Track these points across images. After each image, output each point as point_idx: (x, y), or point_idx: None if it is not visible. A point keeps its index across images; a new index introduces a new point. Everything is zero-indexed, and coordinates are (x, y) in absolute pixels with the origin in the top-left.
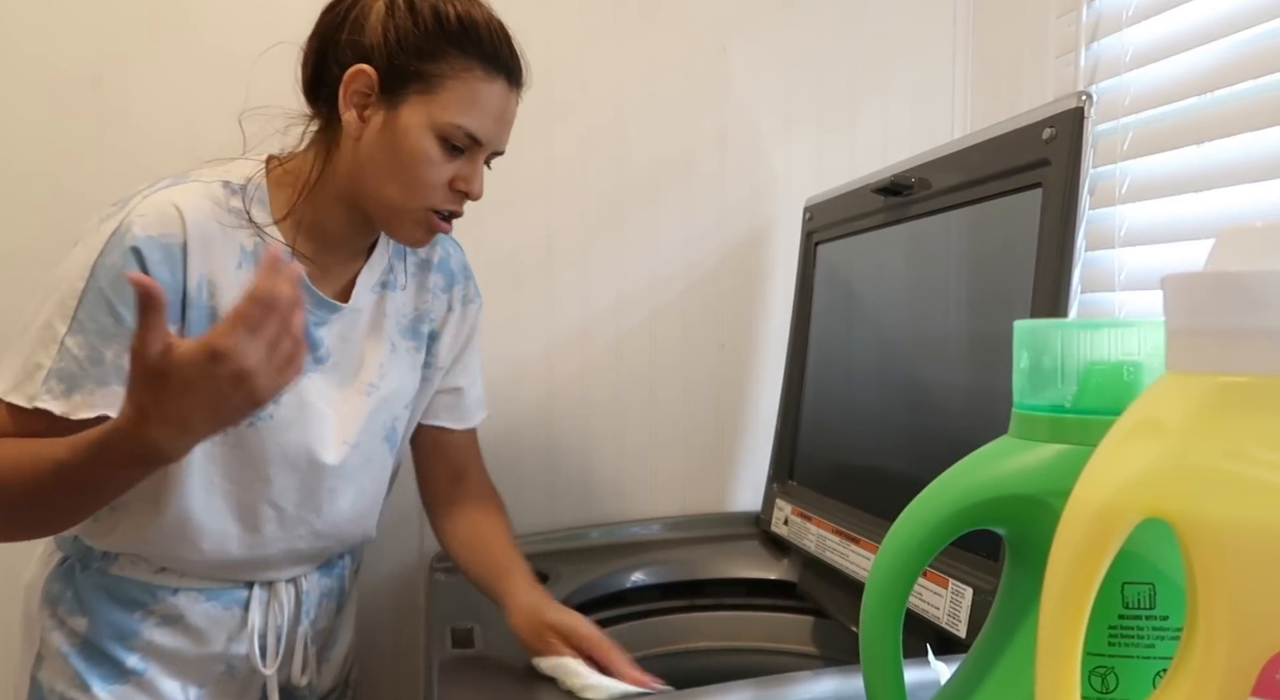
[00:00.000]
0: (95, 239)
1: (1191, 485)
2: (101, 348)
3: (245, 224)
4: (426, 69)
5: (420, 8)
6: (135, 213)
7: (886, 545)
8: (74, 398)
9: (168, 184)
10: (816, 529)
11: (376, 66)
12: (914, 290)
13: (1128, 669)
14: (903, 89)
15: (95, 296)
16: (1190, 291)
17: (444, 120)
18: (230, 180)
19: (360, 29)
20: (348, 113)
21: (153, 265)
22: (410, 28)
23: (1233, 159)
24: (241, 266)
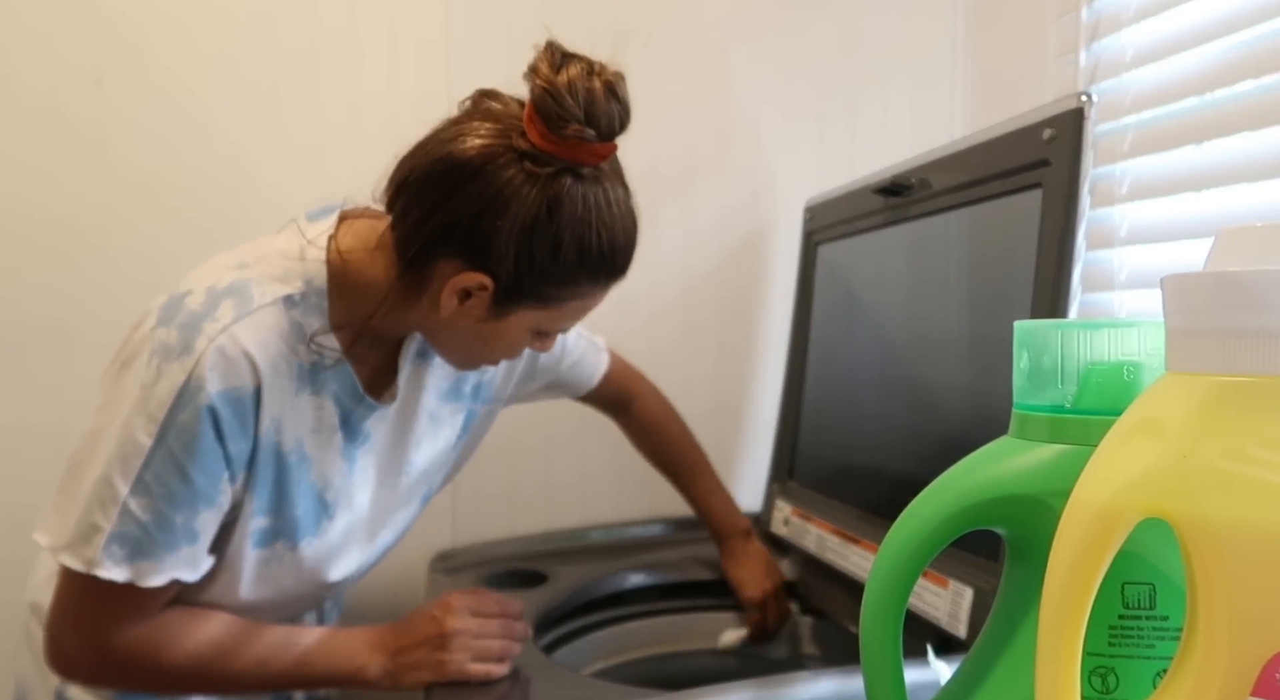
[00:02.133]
0: (161, 388)
1: (1191, 485)
2: (170, 512)
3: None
4: (552, 292)
5: (565, 241)
6: (205, 365)
7: (886, 545)
8: (140, 564)
9: (233, 315)
10: (816, 529)
11: (497, 282)
12: (914, 291)
13: (1128, 669)
14: (903, 89)
15: (165, 459)
16: (1190, 291)
17: (550, 326)
18: (291, 294)
19: (488, 236)
20: (448, 301)
21: (226, 422)
22: (550, 260)
23: (1233, 159)
24: (299, 392)
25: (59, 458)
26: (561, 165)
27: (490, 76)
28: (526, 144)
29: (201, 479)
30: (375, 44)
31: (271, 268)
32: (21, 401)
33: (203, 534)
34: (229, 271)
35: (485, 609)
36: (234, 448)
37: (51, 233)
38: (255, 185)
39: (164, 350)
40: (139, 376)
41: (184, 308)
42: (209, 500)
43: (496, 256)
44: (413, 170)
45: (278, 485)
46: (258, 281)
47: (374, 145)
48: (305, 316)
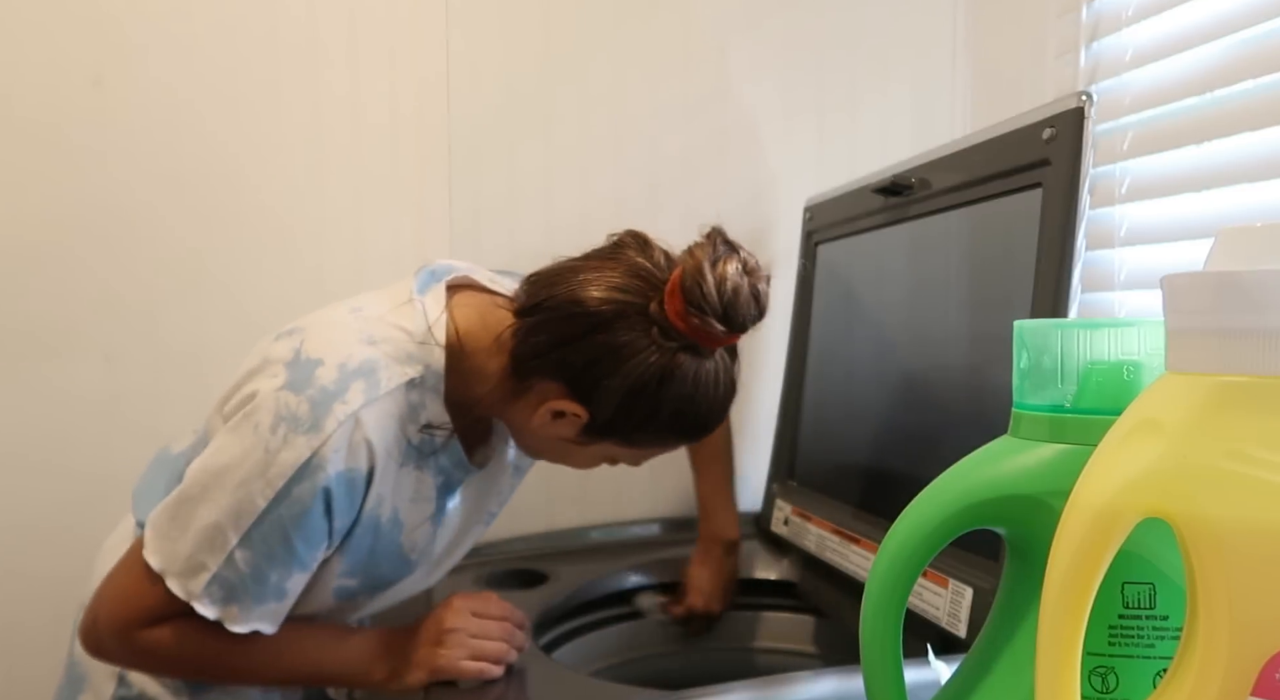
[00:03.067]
0: (284, 457)
1: (1191, 485)
2: (267, 569)
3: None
4: (639, 438)
5: (665, 410)
6: (330, 447)
7: (886, 545)
8: (230, 608)
9: (363, 400)
10: (816, 529)
11: (593, 417)
12: (914, 290)
13: (1128, 669)
14: (903, 89)
15: (274, 524)
16: (1190, 291)
17: (626, 460)
18: (414, 378)
19: (597, 382)
20: (541, 418)
21: (338, 501)
22: (646, 420)
23: (1233, 159)
24: (403, 466)
25: (59, 457)
26: (685, 343)
27: (490, 76)
28: (659, 311)
29: (302, 548)
30: (375, 44)
31: (398, 349)
32: (21, 401)
33: (290, 594)
34: (360, 346)
35: (487, 611)
36: (339, 523)
37: (51, 233)
38: (255, 186)
39: (292, 420)
40: (263, 438)
41: (315, 381)
42: (304, 566)
43: (598, 401)
44: (549, 299)
45: (371, 553)
46: (385, 364)
47: (374, 146)
48: (422, 398)
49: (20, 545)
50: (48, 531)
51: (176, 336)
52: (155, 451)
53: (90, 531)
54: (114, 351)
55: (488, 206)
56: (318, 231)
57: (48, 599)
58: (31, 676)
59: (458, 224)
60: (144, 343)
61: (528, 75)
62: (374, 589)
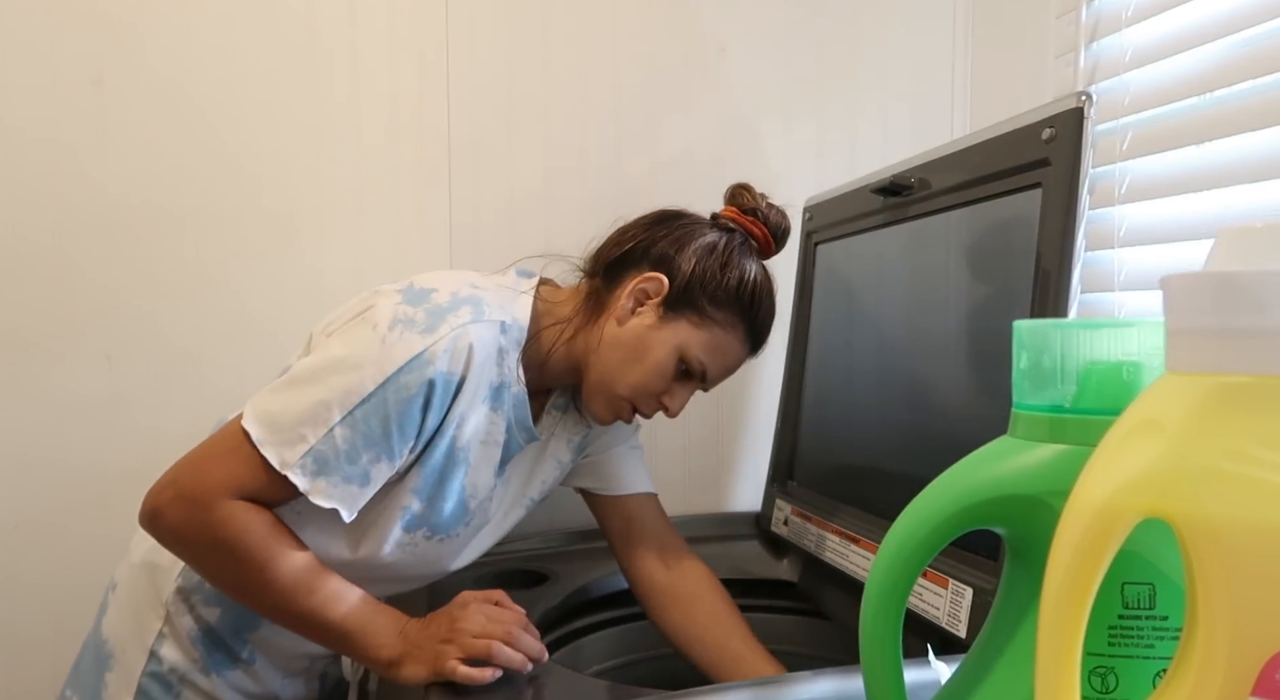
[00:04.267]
0: (398, 348)
1: (1191, 485)
2: (362, 450)
3: (503, 364)
4: (708, 309)
5: (730, 267)
6: (442, 346)
7: (886, 545)
8: (319, 481)
9: (470, 317)
10: (816, 529)
11: (673, 282)
12: (914, 290)
13: (1128, 669)
14: (903, 89)
15: (378, 406)
16: (1190, 291)
17: (694, 351)
18: (504, 321)
19: (679, 248)
20: (627, 301)
21: (437, 398)
22: (717, 275)
23: (1233, 159)
24: (485, 402)
25: (60, 456)
26: (739, 228)
27: (490, 76)
28: (717, 216)
29: (397, 436)
30: (375, 44)
31: (495, 296)
32: (22, 401)
33: (373, 482)
34: (466, 286)
35: (500, 617)
36: (431, 421)
37: (51, 233)
38: (255, 186)
39: (409, 322)
40: (380, 333)
41: (431, 299)
42: (392, 456)
43: (677, 263)
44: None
45: (440, 476)
46: (488, 302)
47: (374, 146)
48: (508, 344)
49: (20, 545)
50: (48, 531)
51: (177, 336)
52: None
53: (90, 531)
54: (114, 351)
55: (488, 206)
56: (318, 231)
57: (47, 598)
58: (31, 675)
59: (457, 224)
60: (144, 343)
61: (528, 75)
62: (435, 528)
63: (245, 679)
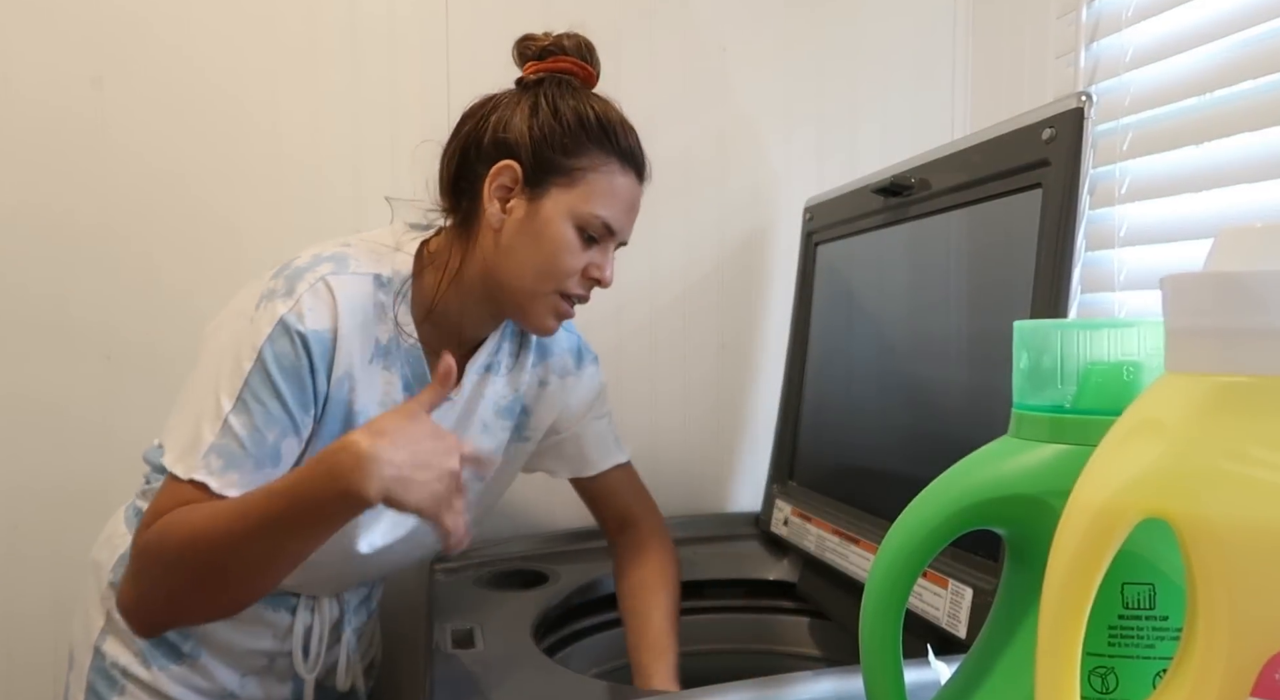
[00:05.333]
0: (262, 320)
1: (1191, 485)
2: (263, 428)
3: (386, 320)
4: (568, 164)
5: (563, 110)
6: (304, 304)
7: (886, 545)
8: (229, 475)
9: (331, 270)
10: (816, 529)
11: (521, 161)
12: (914, 291)
13: (1128, 669)
14: (903, 89)
15: (261, 379)
16: (1190, 291)
17: (584, 210)
18: (382, 273)
19: (505, 128)
20: (491, 205)
21: (317, 358)
22: (554, 126)
23: (1233, 159)
24: (373, 361)
25: (59, 456)
26: (547, 75)
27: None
28: (521, 79)
29: (293, 402)
30: (375, 43)
31: (370, 250)
32: (19, 402)
33: (285, 459)
34: (334, 245)
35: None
36: (319, 383)
37: (50, 232)
38: (255, 186)
39: (270, 293)
40: (249, 314)
41: (291, 265)
42: (295, 427)
43: (514, 141)
44: (447, 141)
45: None
46: (356, 257)
47: (374, 145)
48: (389, 297)
49: (20, 544)
50: (47, 530)
51: (176, 336)
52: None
53: (90, 531)
54: (114, 351)
55: None
56: (318, 232)
57: (47, 598)
58: (30, 674)
59: None
60: (144, 343)
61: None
62: None
63: (191, 674)
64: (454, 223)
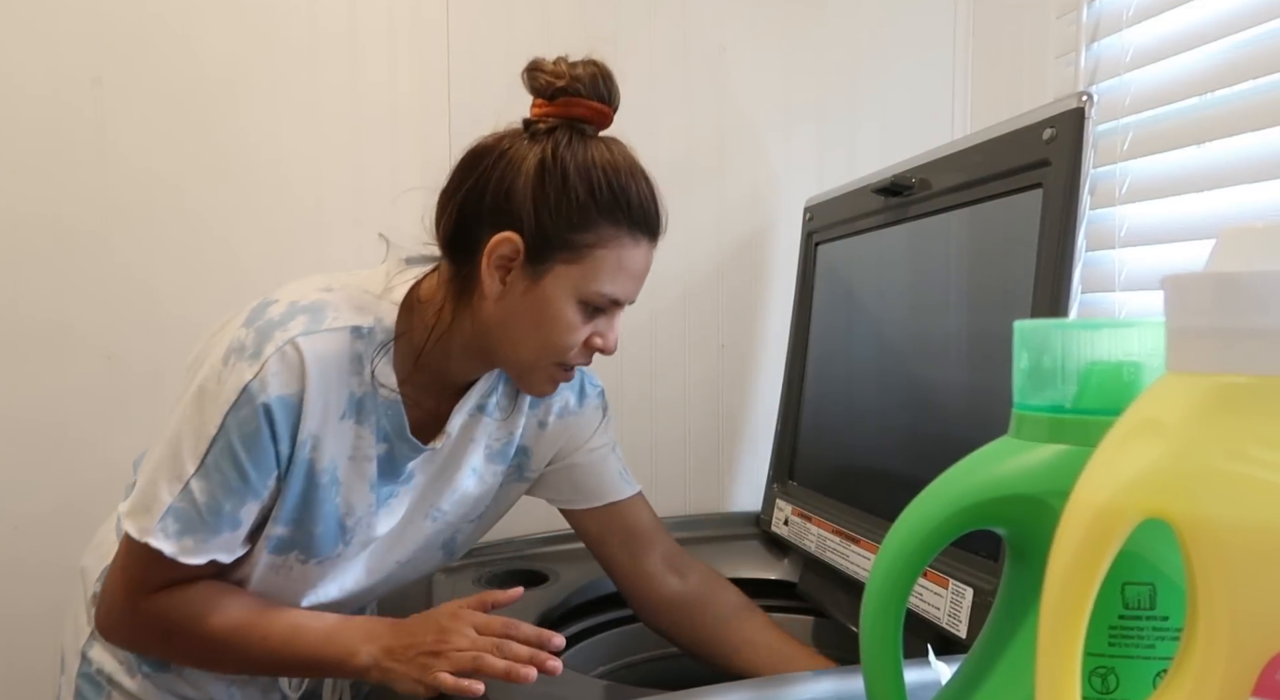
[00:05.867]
0: (228, 384)
1: (1191, 485)
2: (222, 498)
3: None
4: (575, 239)
5: (571, 177)
6: (269, 369)
7: (886, 545)
8: (184, 540)
9: (303, 327)
10: (816, 529)
11: (524, 234)
12: (914, 291)
13: (1128, 669)
14: (903, 89)
15: (224, 448)
16: (1190, 292)
17: (589, 288)
18: (361, 326)
19: (508, 194)
20: (490, 277)
21: (279, 424)
22: (561, 198)
23: (1233, 159)
24: (345, 417)
25: (60, 456)
26: (559, 123)
27: (490, 76)
28: (528, 121)
29: (254, 473)
30: (375, 43)
31: (351, 297)
32: (22, 400)
33: (245, 523)
34: (314, 291)
35: (489, 626)
36: (282, 449)
37: (50, 232)
38: (255, 186)
39: (239, 349)
40: (218, 369)
41: (265, 314)
42: (256, 494)
43: (517, 210)
44: (446, 184)
45: (304, 500)
46: (335, 307)
47: (374, 145)
48: (369, 349)
49: (20, 544)
50: (47, 530)
51: (176, 336)
52: None
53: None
54: (114, 351)
55: None
56: (318, 231)
57: (46, 600)
58: (30, 672)
59: None
60: (144, 343)
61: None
62: (307, 551)
63: (177, 682)
64: (449, 275)
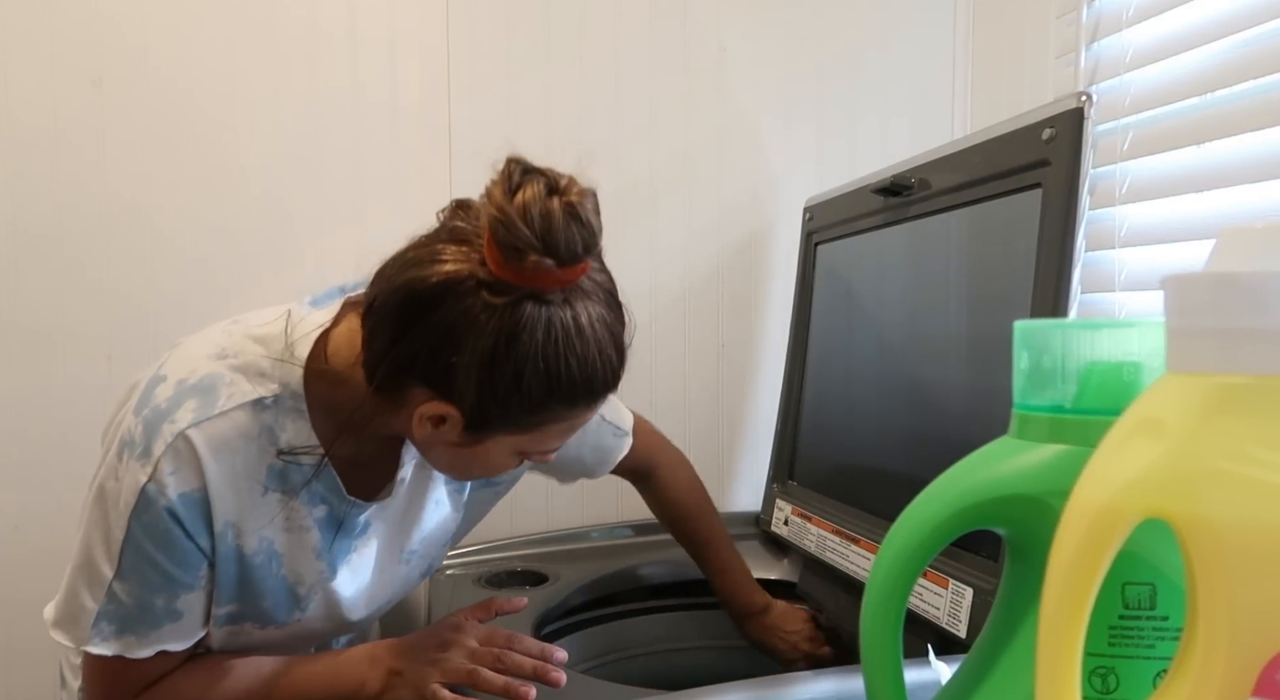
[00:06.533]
0: (125, 484)
1: (1191, 485)
2: (149, 596)
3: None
4: (524, 419)
5: (527, 374)
6: (163, 470)
7: (886, 545)
8: (126, 638)
9: (192, 417)
10: (816, 529)
11: (463, 411)
12: (914, 291)
13: (1128, 669)
14: (903, 89)
15: (136, 552)
16: (1190, 292)
17: (533, 448)
18: (264, 397)
19: (450, 368)
20: (419, 426)
21: (189, 522)
22: (513, 393)
23: (1233, 159)
24: (268, 491)
25: (59, 456)
26: (521, 293)
27: (490, 76)
28: (484, 269)
29: (177, 570)
30: (375, 44)
31: (248, 363)
32: (19, 402)
33: (187, 612)
34: (205, 361)
35: (492, 638)
36: (203, 542)
37: (50, 232)
38: (254, 186)
39: (130, 444)
40: (111, 463)
41: (153, 399)
42: (188, 586)
43: (459, 389)
44: (378, 295)
45: (241, 583)
46: (228, 381)
47: (373, 146)
48: (279, 419)
49: (20, 544)
50: (47, 531)
51: (177, 336)
52: None
53: None
54: (114, 351)
55: None
56: (318, 232)
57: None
58: (30, 672)
59: None
60: (144, 343)
61: (528, 75)
62: (260, 620)
63: None
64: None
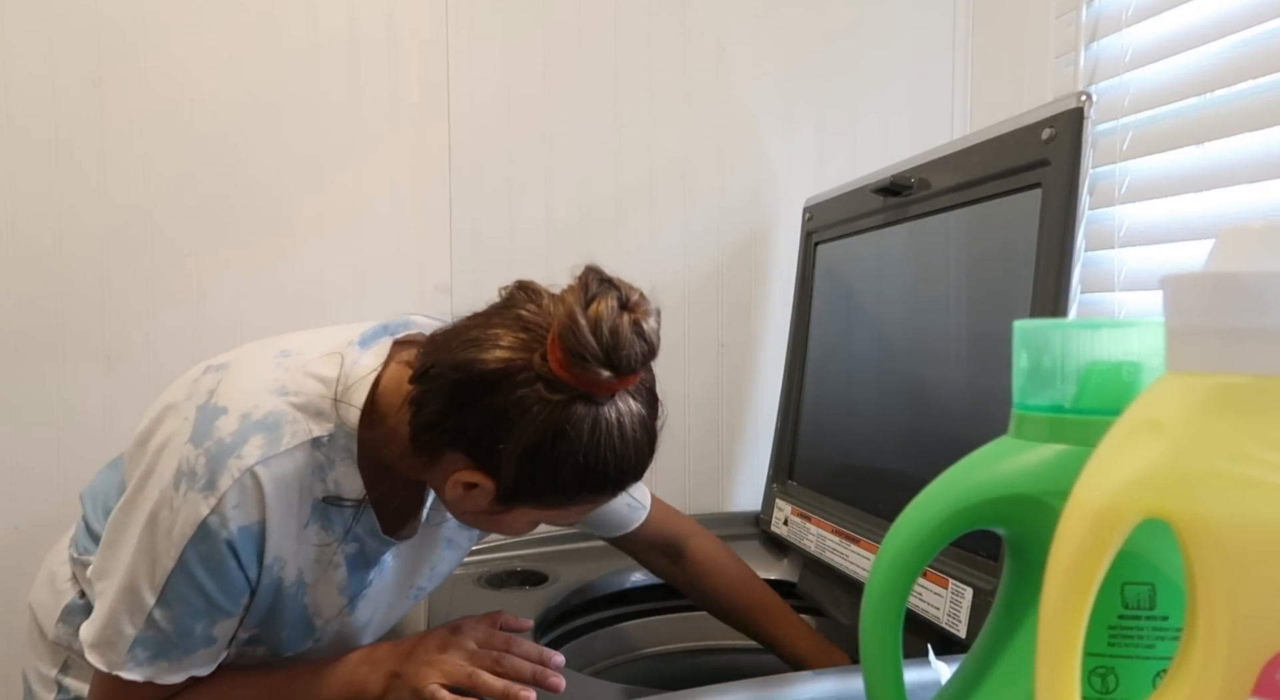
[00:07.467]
0: (183, 514)
1: (1191, 485)
2: (190, 622)
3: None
4: (552, 500)
5: (567, 468)
6: (228, 504)
7: (886, 545)
8: (159, 663)
9: (260, 454)
10: (816, 529)
11: (497, 485)
12: (914, 290)
13: (1128, 669)
14: (902, 89)
15: (187, 579)
16: (1190, 292)
17: (553, 521)
18: (321, 437)
19: (494, 447)
20: (452, 489)
21: (245, 554)
22: (548, 481)
23: (1233, 159)
24: (309, 525)
25: (59, 456)
26: (574, 394)
27: (490, 76)
28: (543, 364)
29: (222, 597)
30: (375, 44)
31: (309, 403)
32: (22, 400)
33: (220, 639)
34: (268, 397)
35: (491, 640)
36: (251, 573)
37: (51, 233)
38: (254, 186)
39: (190, 476)
40: (165, 493)
41: (214, 432)
42: (228, 613)
43: (498, 468)
44: (436, 363)
45: (270, 611)
46: (290, 418)
47: (373, 146)
48: (330, 457)
49: (20, 545)
50: (48, 532)
51: (176, 336)
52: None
53: None
54: (114, 351)
55: (487, 207)
56: (317, 232)
57: None
58: None
59: (458, 225)
60: (144, 343)
61: (528, 75)
62: (275, 647)
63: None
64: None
